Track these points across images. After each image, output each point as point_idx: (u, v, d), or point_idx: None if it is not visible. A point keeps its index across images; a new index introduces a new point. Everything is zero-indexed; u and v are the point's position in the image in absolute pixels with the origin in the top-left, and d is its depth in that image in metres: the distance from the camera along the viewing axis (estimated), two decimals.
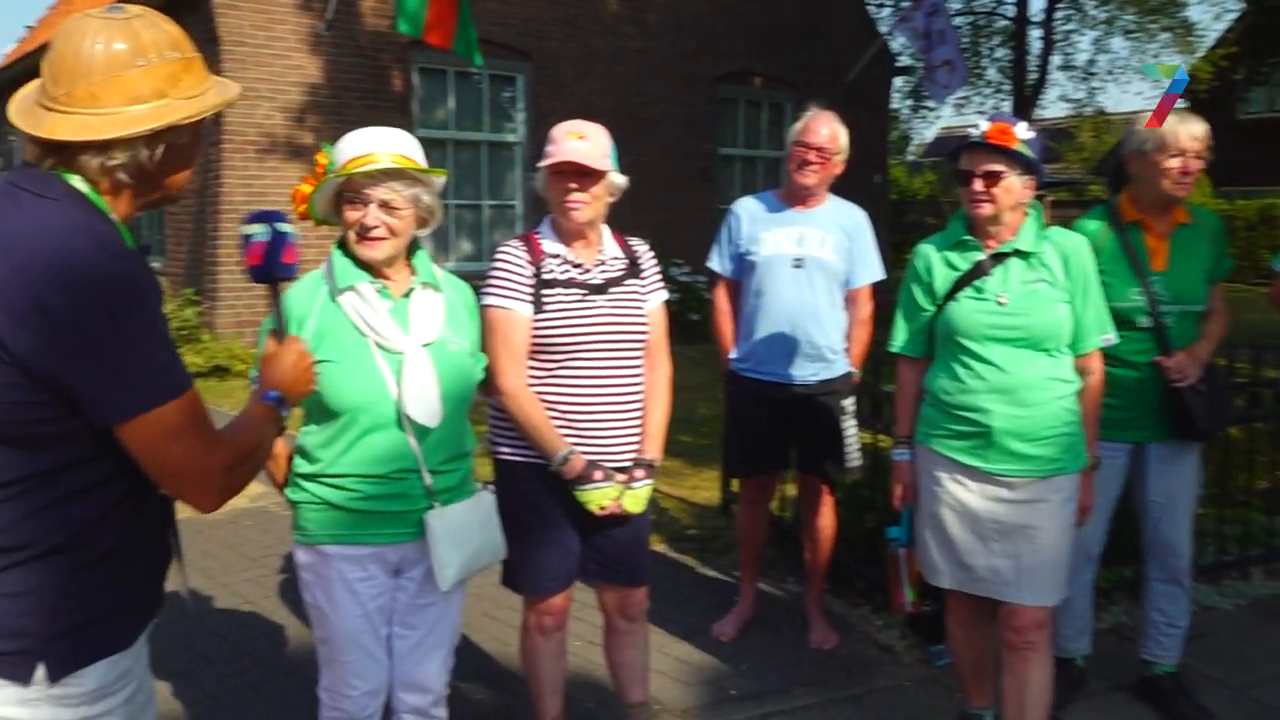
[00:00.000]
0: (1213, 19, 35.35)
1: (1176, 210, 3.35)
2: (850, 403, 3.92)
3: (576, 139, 2.77)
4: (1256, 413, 4.61)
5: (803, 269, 3.78)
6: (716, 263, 4.01)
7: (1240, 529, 4.78)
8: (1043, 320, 2.79)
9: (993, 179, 2.77)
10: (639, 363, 2.92)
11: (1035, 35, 19.57)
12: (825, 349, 3.82)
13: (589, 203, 2.79)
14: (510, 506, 2.73)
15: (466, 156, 12.07)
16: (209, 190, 10.28)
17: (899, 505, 3.11)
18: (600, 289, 2.85)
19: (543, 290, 2.80)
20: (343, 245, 2.43)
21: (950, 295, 2.90)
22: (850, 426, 3.91)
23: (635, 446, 2.91)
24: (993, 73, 22.10)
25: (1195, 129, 3.21)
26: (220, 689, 3.61)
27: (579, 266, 2.85)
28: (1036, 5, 19.10)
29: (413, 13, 9.01)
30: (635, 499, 2.87)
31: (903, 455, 3.07)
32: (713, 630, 4.08)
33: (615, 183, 2.85)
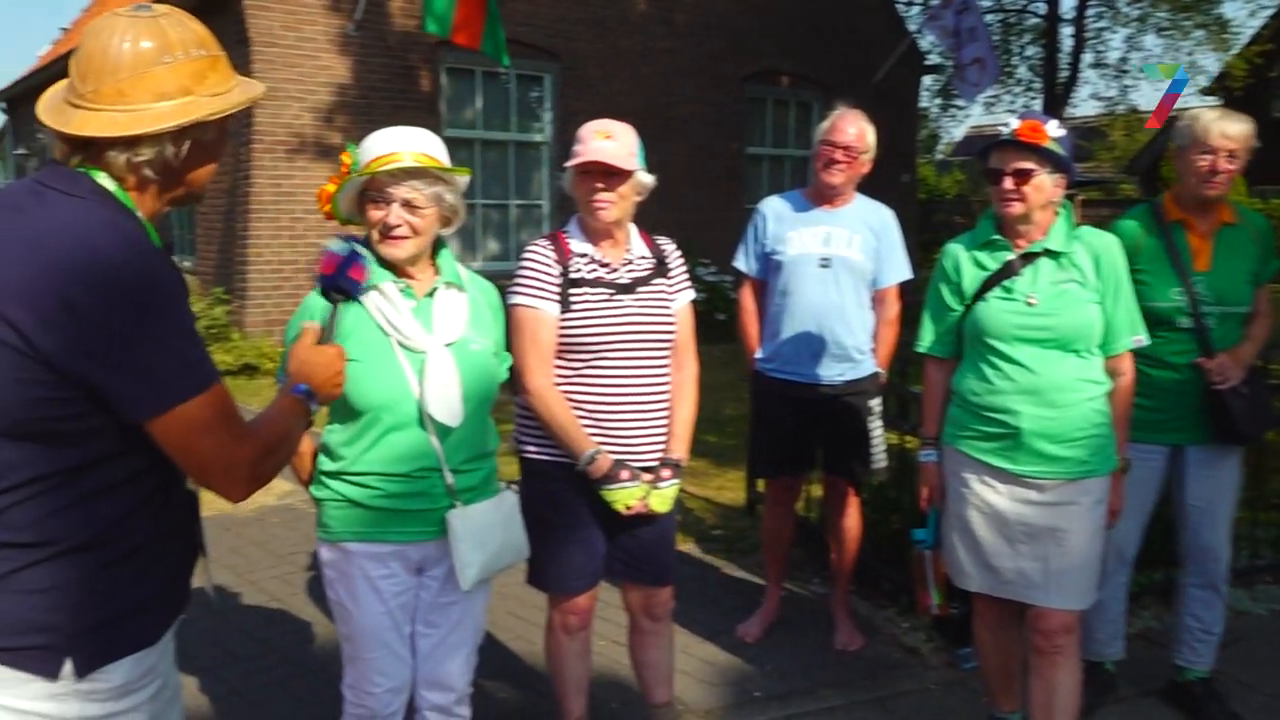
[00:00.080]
0: (1248, 15, 34.84)
1: (1221, 210, 3.30)
2: (877, 403, 3.89)
3: (604, 138, 2.76)
4: None
5: (829, 269, 3.75)
6: (742, 262, 3.98)
7: (1275, 532, 4.72)
8: (1072, 321, 2.76)
9: (1023, 177, 2.74)
10: (666, 362, 2.91)
11: (1067, 33, 19.42)
12: (852, 349, 3.79)
13: (616, 202, 2.79)
14: (536, 505, 2.73)
15: (494, 156, 12.10)
16: (239, 190, 10.37)
17: (925, 507, 3.08)
18: (627, 288, 2.84)
19: (570, 289, 2.80)
20: (367, 245, 2.44)
21: (979, 295, 2.86)
22: (876, 427, 3.88)
23: (662, 446, 2.90)
24: (1023, 71, 21.90)
25: (1230, 128, 3.15)
26: (246, 685, 3.64)
27: (606, 266, 2.85)
28: (1068, 2, 18.99)
29: (441, 13, 9.04)
30: (662, 498, 2.87)
31: (929, 456, 3.04)
32: (737, 631, 4.07)
33: (643, 182, 2.85)
